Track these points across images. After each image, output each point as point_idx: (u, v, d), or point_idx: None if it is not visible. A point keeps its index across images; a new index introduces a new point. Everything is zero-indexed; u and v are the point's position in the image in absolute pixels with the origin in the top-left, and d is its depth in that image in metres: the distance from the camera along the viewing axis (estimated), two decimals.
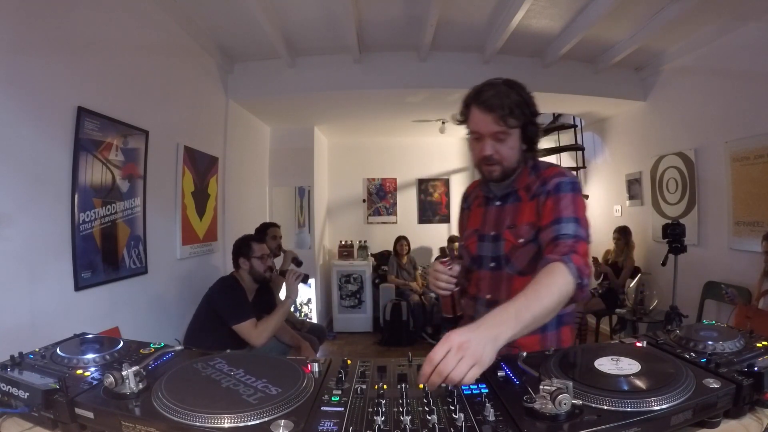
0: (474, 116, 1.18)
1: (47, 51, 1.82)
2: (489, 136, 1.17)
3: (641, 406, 0.73)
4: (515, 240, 1.20)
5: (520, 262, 1.20)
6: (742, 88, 3.06)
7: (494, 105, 1.14)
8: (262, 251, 2.47)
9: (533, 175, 1.24)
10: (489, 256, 1.25)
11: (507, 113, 1.15)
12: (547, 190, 1.17)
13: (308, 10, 2.99)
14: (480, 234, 1.29)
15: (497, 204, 1.28)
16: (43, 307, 1.77)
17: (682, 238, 3.08)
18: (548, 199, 1.15)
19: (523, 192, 1.24)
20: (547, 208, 1.14)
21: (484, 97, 1.16)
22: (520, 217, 1.21)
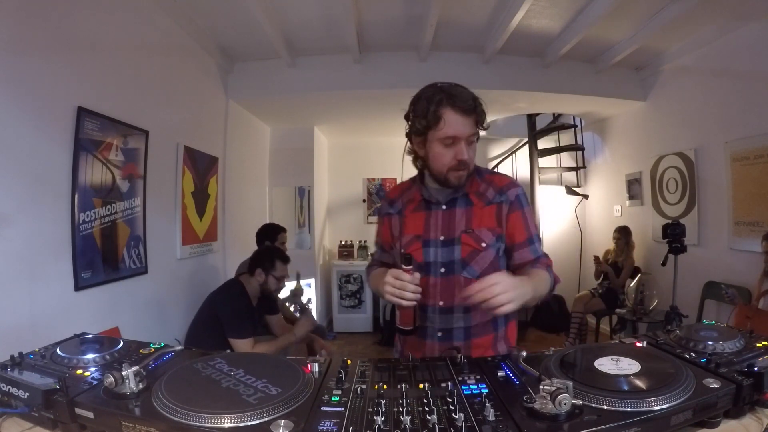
0: (451, 120, 1.12)
1: (47, 51, 1.82)
2: (465, 139, 1.14)
3: (641, 406, 0.73)
4: (476, 244, 1.20)
5: (479, 266, 1.20)
6: (742, 88, 3.06)
7: (475, 108, 1.13)
8: (282, 273, 2.46)
9: (480, 180, 1.25)
10: (439, 262, 1.22)
11: (482, 116, 1.15)
12: (510, 201, 1.22)
13: (308, 10, 2.99)
14: (424, 240, 1.23)
15: (443, 208, 1.24)
16: (43, 307, 1.77)
17: (682, 238, 3.08)
18: (513, 213, 1.22)
19: (475, 197, 1.23)
20: (515, 224, 1.22)
21: (463, 99, 1.13)
22: (477, 222, 1.21)
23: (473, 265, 1.20)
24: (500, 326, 1.26)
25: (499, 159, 5.83)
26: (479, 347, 1.22)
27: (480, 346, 1.22)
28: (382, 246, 1.39)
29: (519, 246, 1.22)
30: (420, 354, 1.21)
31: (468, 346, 1.20)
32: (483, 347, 1.22)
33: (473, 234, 1.20)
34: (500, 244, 1.22)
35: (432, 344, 1.23)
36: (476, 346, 1.21)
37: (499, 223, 1.21)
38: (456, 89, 1.15)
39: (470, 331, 1.22)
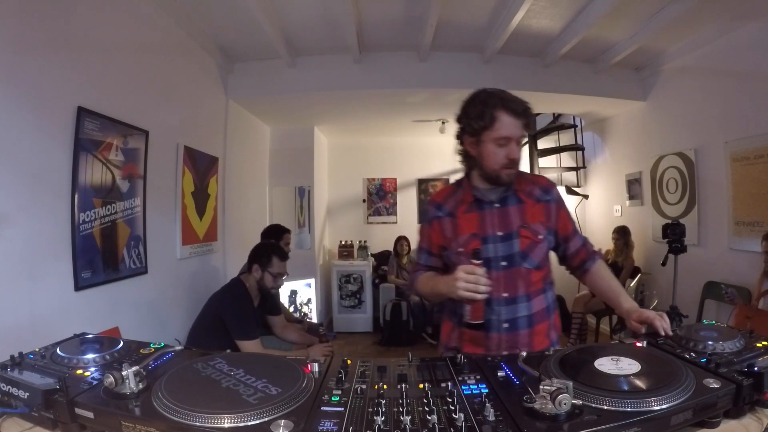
0: (504, 122, 1.24)
1: (47, 51, 1.82)
2: (515, 140, 1.26)
3: (641, 406, 0.73)
4: (534, 237, 1.32)
5: (537, 257, 1.32)
6: (742, 88, 3.06)
7: (525, 112, 1.25)
8: (280, 269, 2.41)
9: (525, 180, 1.39)
10: (499, 256, 1.30)
11: (530, 120, 1.28)
12: (556, 199, 1.39)
13: (308, 10, 2.99)
14: (482, 237, 1.31)
15: (497, 206, 1.34)
16: (43, 307, 1.77)
17: (682, 238, 3.09)
18: (561, 210, 1.39)
19: (524, 195, 1.35)
20: (565, 218, 1.39)
21: (513, 104, 1.25)
22: (531, 218, 1.33)
23: (532, 256, 1.31)
24: (551, 314, 1.38)
25: None
26: (539, 334, 1.33)
27: (540, 333, 1.33)
28: (429, 250, 1.44)
29: (571, 236, 1.40)
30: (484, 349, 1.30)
31: (531, 333, 1.31)
32: (543, 334, 1.34)
33: (530, 228, 1.32)
34: (551, 237, 1.36)
35: (498, 336, 1.30)
36: (537, 333, 1.33)
37: (548, 218, 1.35)
38: (508, 94, 1.27)
39: (533, 318, 1.32)
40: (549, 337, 1.36)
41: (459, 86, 3.84)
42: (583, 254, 1.40)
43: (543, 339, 1.33)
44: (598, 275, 1.38)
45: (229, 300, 2.33)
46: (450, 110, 5.08)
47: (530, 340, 1.30)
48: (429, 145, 6.04)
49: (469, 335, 1.32)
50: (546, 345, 1.32)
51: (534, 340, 1.31)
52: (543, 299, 1.35)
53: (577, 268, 1.41)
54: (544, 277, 1.35)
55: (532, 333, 1.31)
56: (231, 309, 2.27)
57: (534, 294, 1.31)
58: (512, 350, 1.24)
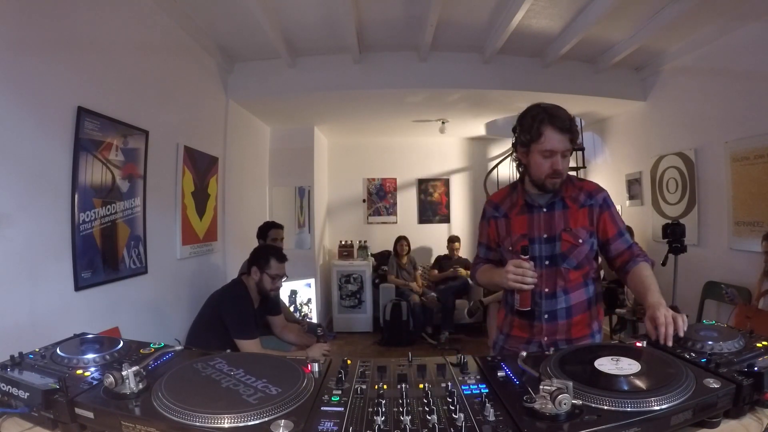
0: (550, 136, 1.34)
1: (47, 51, 1.82)
2: (560, 153, 1.36)
3: (641, 406, 0.73)
4: (575, 240, 1.42)
5: (576, 258, 1.43)
6: (742, 88, 3.06)
7: (570, 127, 1.35)
8: (278, 271, 2.40)
9: (572, 186, 1.47)
10: (543, 256, 1.43)
11: (576, 135, 1.37)
12: (599, 203, 1.45)
13: (308, 10, 2.99)
14: (530, 238, 1.44)
15: (544, 211, 1.45)
16: (43, 307, 1.77)
17: (682, 238, 3.08)
18: (604, 213, 1.45)
19: (570, 201, 1.45)
20: (607, 221, 1.45)
21: (562, 120, 1.34)
22: (574, 222, 1.43)
23: (572, 257, 1.42)
24: (593, 305, 1.48)
25: (499, 159, 5.83)
26: (579, 324, 1.45)
27: (579, 323, 1.45)
28: (488, 245, 1.60)
29: (613, 239, 1.45)
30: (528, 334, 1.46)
31: (569, 323, 1.43)
32: (582, 324, 1.45)
33: (572, 232, 1.42)
34: (593, 240, 1.45)
35: (540, 325, 1.44)
36: (576, 323, 1.44)
37: (591, 222, 1.44)
38: (556, 110, 1.36)
39: (571, 310, 1.43)
40: (590, 326, 1.47)
41: (459, 86, 3.85)
42: (626, 256, 1.44)
43: (583, 328, 1.45)
44: (636, 274, 1.39)
45: (229, 300, 2.33)
46: (450, 110, 5.10)
47: (569, 328, 1.43)
48: (429, 145, 6.04)
49: (518, 322, 1.49)
50: (586, 333, 1.45)
51: (573, 329, 1.43)
52: (583, 293, 1.45)
53: (619, 269, 1.47)
54: (585, 274, 1.45)
55: (570, 323, 1.43)
56: (231, 308, 2.27)
57: (573, 289, 1.43)
58: (552, 337, 1.43)
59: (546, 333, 1.43)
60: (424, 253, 5.86)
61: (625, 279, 1.46)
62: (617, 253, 1.46)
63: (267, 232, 3.42)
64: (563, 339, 1.42)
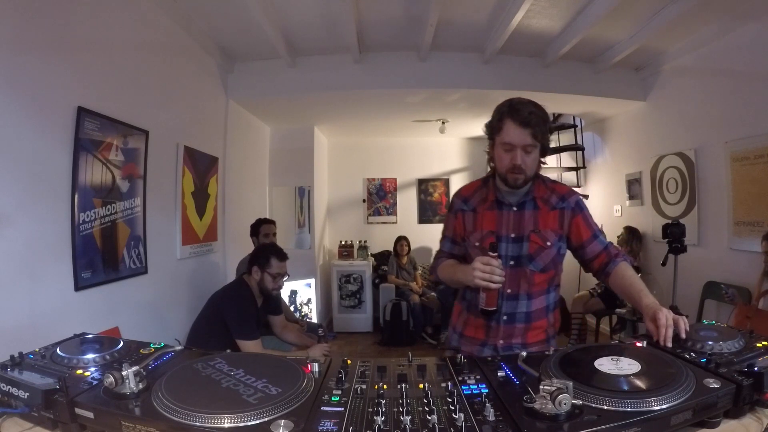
0: (509, 129, 1.31)
1: (47, 51, 1.82)
2: (520, 147, 1.31)
3: (641, 406, 0.73)
4: (543, 243, 1.39)
5: (543, 261, 1.39)
6: (742, 88, 3.06)
7: (530, 121, 1.29)
8: (279, 270, 2.40)
9: (545, 187, 1.44)
10: (509, 256, 1.39)
11: (538, 130, 1.30)
12: (572, 207, 1.42)
13: (308, 10, 2.99)
14: (497, 235, 1.40)
15: (514, 210, 1.41)
16: (43, 307, 1.77)
17: (682, 238, 3.08)
18: (577, 216, 1.41)
19: (541, 202, 1.41)
20: (581, 225, 1.41)
21: (522, 113, 1.30)
22: (543, 224, 1.40)
23: (538, 260, 1.39)
24: (550, 312, 1.46)
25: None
26: (536, 329, 1.42)
27: (536, 329, 1.42)
28: (453, 239, 1.54)
29: (588, 242, 1.42)
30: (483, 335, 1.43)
31: (528, 328, 1.41)
32: (539, 329, 1.43)
33: (540, 234, 1.39)
34: (561, 244, 1.42)
35: (497, 326, 1.41)
36: (534, 328, 1.42)
37: (561, 226, 1.41)
38: (521, 105, 1.31)
39: (531, 315, 1.41)
40: (546, 332, 1.45)
41: (459, 86, 3.85)
42: (603, 258, 1.41)
43: (539, 333, 1.43)
44: (619, 275, 1.37)
45: (230, 300, 2.33)
46: (450, 110, 5.10)
47: (525, 333, 1.41)
48: (429, 145, 6.04)
49: (473, 322, 1.46)
50: (541, 338, 1.43)
51: (529, 333, 1.42)
52: (544, 299, 1.43)
53: (599, 272, 1.43)
54: (549, 279, 1.42)
55: (528, 328, 1.41)
56: (232, 308, 2.27)
57: (536, 294, 1.40)
58: (508, 340, 1.41)
59: (503, 336, 1.40)
60: (424, 253, 5.86)
61: (606, 281, 1.42)
62: (594, 255, 1.41)
63: (258, 229, 3.41)
64: (519, 343, 1.40)
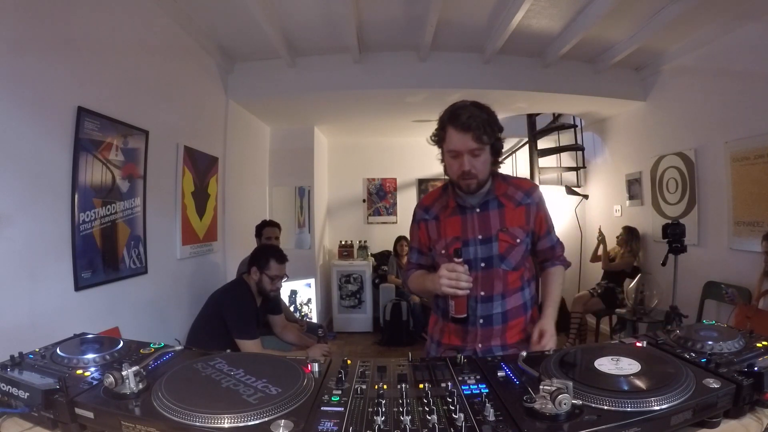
0: (452, 136, 1.30)
1: (47, 51, 1.82)
2: (466, 152, 1.29)
3: (641, 406, 0.73)
4: (512, 240, 1.38)
5: (514, 259, 1.39)
6: (742, 88, 3.06)
7: (471, 125, 1.27)
8: (277, 272, 2.40)
9: (506, 184, 1.44)
10: (479, 258, 1.38)
11: (481, 132, 1.28)
12: (536, 202, 1.43)
13: (308, 10, 2.99)
14: (464, 240, 1.39)
15: (477, 211, 1.40)
16: (43, 307, 1.77)
17: (682, 238, 3.08)
18: (539, 212, 1.43)
19: (505, 199, 1.41)
20: (539, 220, 1.44)
21: (461, 119, 1.28)
22: (510, 221, 1.39)
23: (510, 258, 1.38)
24: (528, 310, 1.45)
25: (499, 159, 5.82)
26: (513, 328, 1.41)
27: (514, 328, 1.41)
28: (420, 249, 1.53)
29: (542, 237, 1.47)
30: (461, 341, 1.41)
31: (505, 328, 1.40)
32: (517, 328, 1.42)
33: (508, 232, 1.38)
34: (528, 239, 1.42)
35: (474, 330, 1.39)
36: (512, 327, 1.41)
37: (527, 221, 1.41)
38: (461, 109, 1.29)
39: (507, 315, 1.40)
40: (525, 331, 1.43)
41: (459, 86, 3.84)
42: (548, 255, 1.50)
43: (518, 333, 1.42)
44: (547, 276, 1.49)
45: (230, 299, 2.33)
46: None
47: (503, 333, 1.40)
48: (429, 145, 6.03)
49: (451, 328, 1.43)
50: (521, 338, 1.41)
51: (507, 333, 1.40)
52: (519, 297, 1.42)
53: (539, 264, 1.53)
54: (521, 276, 1.42)
55: (505, 328, 1.40)
56: (232, 308, 2.27)
57: (510, 293, 1.40)
58: (487, 343, 1.39)
59: (480, 339, 1.39)
60: None
61: (539, 274, 1.53)
62: (540, 250, 1.49)
63: (261, 231, 3.42)
64: (498, 345, 1.39)
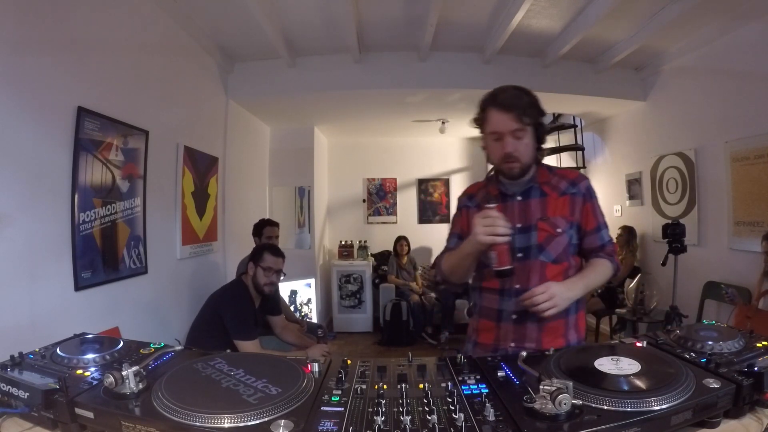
0: (493, 117, 1.26)
1: (47, 51, 1.82)
2: (508, 134, 1.24)
3: (641, 406, 0.73)
4: (552, 230, 1.29)
5: (555, 250, 1.29)
6: (742, 88, 3.06)
7: (512, 105, 1.23)
8: (272, 264, 2.40)
9: (551, 174, 1.37)
10: (516, 248, 1.28)
11: (523, 112, 1.24)
12: (582, 192, 1.34)
13: (308, 10, 2.99)
14: None
15: (519, 199, 1.33)
16: (43, 307, 1.77)
17: (682, 238, 3.08)
18: (587, 204, 1.33)
19: (548, 188, 1.34)
20: (589, 213, 1.34)
21: (501, 98, 1.25)
22: (552, 210, 1.31)
23: (549, 249, 1.29)
24: (571, 313, 1.31)
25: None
26: (552, 332, 1.28)
27: (552, 332, 1.28)
28: (460, 235, 1.44)
29: (589, 233, 1.34)
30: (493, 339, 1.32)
31: (541, 328, 1.27)
32: (555, 333, 1.29)
33: (549, 221, 1.30)
34: (573, 232, 1.32)
35: (506, 327, 1.30)
36: (549, 330, 1.28)
37: (572, 212, 1.32)
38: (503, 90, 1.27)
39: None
40: (566, 337, 1.29)
41: (459, 86, 3.84)
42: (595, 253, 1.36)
43: (557, 338, 1.27)
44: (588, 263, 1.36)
45: (228, 300, 2.33)
46: (450, 110, 5.10)
47: (539, 335, 1.27)
48: (429, 145, 6.04)
49: (483, 325, 1.36)
50: (560, 344, 1.25)
51: (544, 336, 1.27)
52: None
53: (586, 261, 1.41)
54: (564, 271, 1.29)
55: (541, 328, 1.27)
56: (230, 309, 2.27)
57: None
58: (520, 344, 1.26)
59: (513, 337, 1.28)
60: (424, 253, 5.86)
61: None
62: (589, 248, 1.35)
63: (261, 230, 3.41)
64: (533, 348, 1.22)
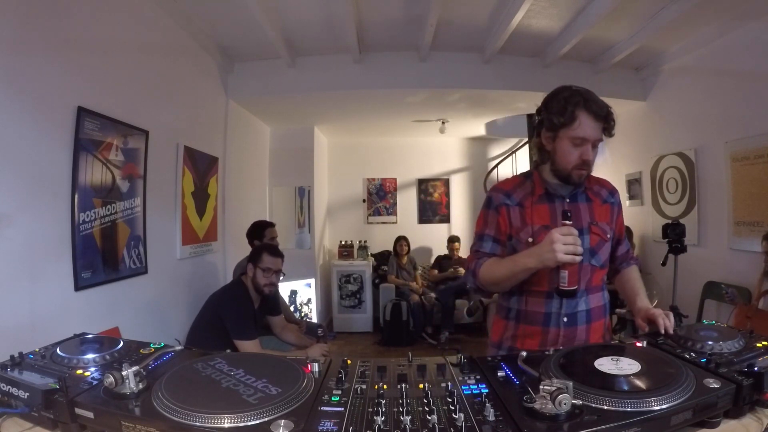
0: (585, 122, 1.21)
1: (47, 51, 1.82)
2: (591, 142, 1.23)
3: (641, 406, 0.73)
4: (603, 235, 1.31)
5: (603, 255, 1.32)
6: (742, 88, 3.06)
7: (606, 116, 1.22)
8: (269, 265, 2.40)
9: (594, 181, 1.38)
10: None
11: (611, 125, 1.24)
12: (618, 203, 1.39)
13: (308, 10, 2.99)
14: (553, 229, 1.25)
15: (567, 201, 1.31)
16: (43, 307, 1.77)
17: (682, 238, 3.08)
18: (620, 215, 1.40)
19: (592, 194, 1.35)
20: (620, 222, 1.40)
21: (595, 105, 1.21)
22: (599, 216, 1.32)
23: (600, 254, 1.31)
24: (606, 313, 1.38)
25: (499, 159, 5.83)
26: (596, 331, 1.32)
27: (597, 331, 1.32)
28: (496, 238, 1.35)
29: (621, 241, 1.43)
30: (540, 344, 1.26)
31: (588, 329, 1.30)
32: (599, 332, 1.32)
33: (599, 226, 1.31)
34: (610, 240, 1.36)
35: (557, 331, 1.28)
36: (594, 330, 1.31)
37: (611, 221, 1.36)
38: (592, 95, 1.23)
39: (591, 314, 1.30)
40: (604, 337, 1.35)
41: (459, 86, 3.85)
42: (624, 258, 1.45)
43: (599, 338, 1.32)
44: (626, 276, 1.42)
45: (228, 300, 2.33)
46: (450, 110, 5.10)
47: (587, 336, 1.28)
48: (429, 145, 6.04)
49: (526, 331, 1.30)
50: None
51: (591, 337, 1.29)
52: (601, 297, 1.34)
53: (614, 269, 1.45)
54: (603, 276, 1.35)
55: (589, 329, 1.29)
56: (230, 309, 2.27)
57: (593, 290, 1.31)
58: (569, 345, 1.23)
59: (563, 341, 1.25)
60: (424, 253, 5.86)
61: (614, 278, 1.45)
62: (619, 254, 1.43)
63: (263, 233, 3.38)
64: None
